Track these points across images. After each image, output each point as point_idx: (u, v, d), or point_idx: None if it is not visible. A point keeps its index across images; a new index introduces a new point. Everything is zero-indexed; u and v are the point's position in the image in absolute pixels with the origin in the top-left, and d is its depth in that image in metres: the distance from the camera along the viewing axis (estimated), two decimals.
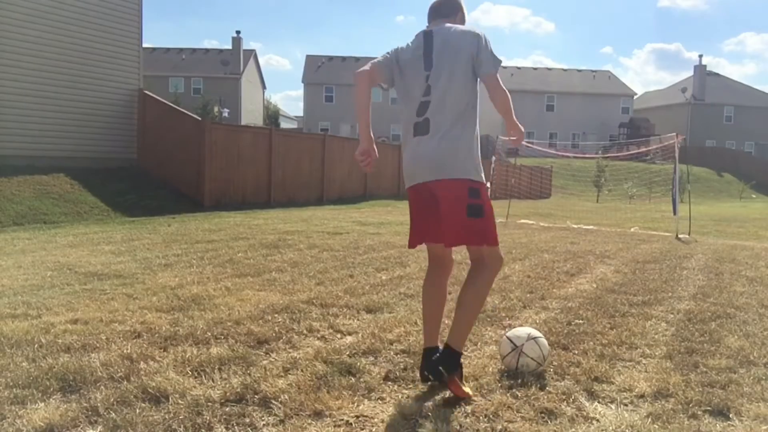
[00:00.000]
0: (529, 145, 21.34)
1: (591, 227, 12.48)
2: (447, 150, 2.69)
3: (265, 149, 15.35)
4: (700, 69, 52.38)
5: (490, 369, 2.99)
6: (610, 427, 2.38)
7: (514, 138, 2.89)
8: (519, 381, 2.82)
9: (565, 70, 55.55)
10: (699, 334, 3.72)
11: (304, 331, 3.60)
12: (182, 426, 2.29)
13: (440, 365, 2.66)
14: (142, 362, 2.96)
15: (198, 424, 2.31)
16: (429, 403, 2.57)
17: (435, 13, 2.94)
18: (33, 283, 4.95)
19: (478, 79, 2.77)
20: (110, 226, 9.87)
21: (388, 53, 2.91)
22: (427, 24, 2.96)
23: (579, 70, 54.65)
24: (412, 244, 2.91)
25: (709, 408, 2.57)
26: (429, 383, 2.75)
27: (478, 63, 2.71)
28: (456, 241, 2.71)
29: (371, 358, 3.14)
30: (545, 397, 2.65)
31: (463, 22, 2.96)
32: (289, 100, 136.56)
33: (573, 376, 2.93)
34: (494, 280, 2.92)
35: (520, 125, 2.85)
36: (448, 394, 2.66)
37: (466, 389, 2.68)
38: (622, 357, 3.26)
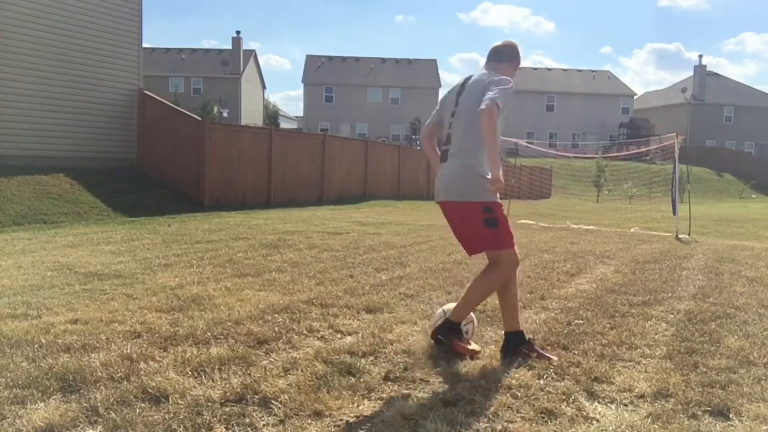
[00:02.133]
0: (529, 145, 21.37)
1: (591, 227, 12.48)
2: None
3: (265, 149, 15.33)
4: (700, 69, 52.38)
5: (490, 369, 2.99)
6: (610, 427, 2.38)
7: (490, 178, 2.97)
8: (519, 381, 2.83)
9: (565, 70, 55.58)
10: (699, 334, 3.72)
11: (304, 331, 3.61)
12: (182, 426, 2.29)
13: (439, 334, 3.23)
14: (142, 362, 2.96)
15: (198, 424, 2.31)
16: (429, 403, 2.57)
17: (490, 55, 3.29)
18: (33, 283, 4.94)
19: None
20: (110, 226, 9.87)
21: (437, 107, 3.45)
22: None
23: (579, 71, 54.65)
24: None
25: (709, 408, 2.57)
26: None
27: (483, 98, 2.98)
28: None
29: (371, 358, 3.14)
30: (545, 397, 2.65)
31: (511, 69, 3.26)
32: (289, 100, 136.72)
33: (573, 376, 2.92)
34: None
35: (498, 172, 2.93)
36: (447, 395, 2.66)
37: (473, 346, 3.23)
38: (622, 357, 3.26)
